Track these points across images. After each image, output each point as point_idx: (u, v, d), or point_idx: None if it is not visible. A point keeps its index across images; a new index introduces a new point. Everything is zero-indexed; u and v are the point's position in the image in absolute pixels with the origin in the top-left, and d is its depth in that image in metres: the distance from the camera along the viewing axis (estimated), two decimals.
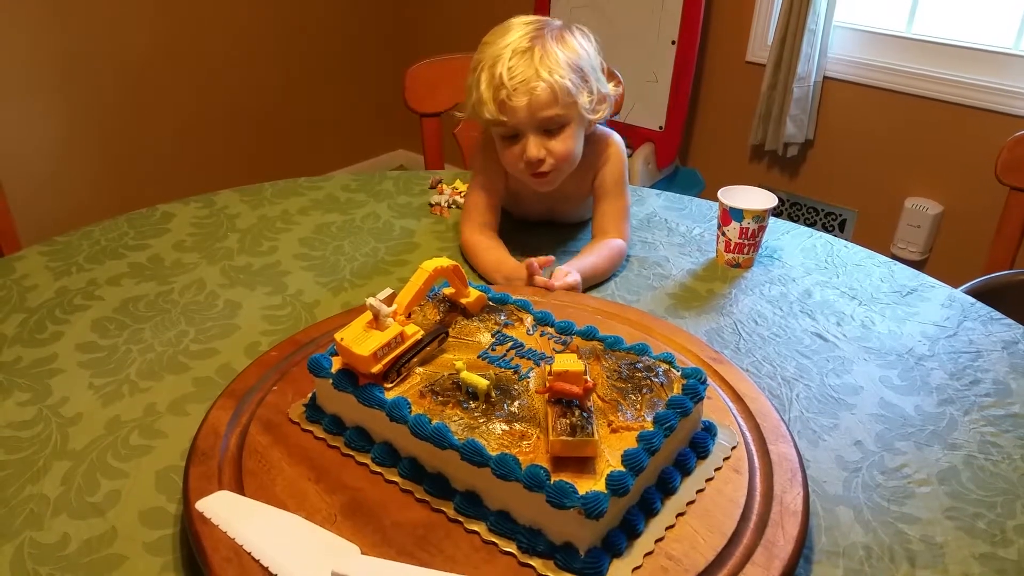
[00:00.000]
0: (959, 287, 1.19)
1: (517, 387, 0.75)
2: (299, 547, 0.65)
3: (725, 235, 1.18)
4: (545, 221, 1.31)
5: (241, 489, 0.71)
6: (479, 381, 0.72)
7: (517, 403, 0.73)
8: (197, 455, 0.74)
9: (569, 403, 0.69)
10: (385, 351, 0.75)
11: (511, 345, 0.82)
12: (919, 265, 2.30)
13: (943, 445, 0.85)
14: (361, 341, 0.75)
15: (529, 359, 0.80)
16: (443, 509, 0.69)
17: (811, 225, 2.51)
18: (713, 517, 0.69)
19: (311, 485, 0.72)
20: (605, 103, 1.15)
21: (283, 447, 0.76)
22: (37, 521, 0.73)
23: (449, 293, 0.89)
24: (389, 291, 0.80)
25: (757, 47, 2.44)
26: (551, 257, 1.08)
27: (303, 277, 1.14)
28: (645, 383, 0.75)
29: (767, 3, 2.37)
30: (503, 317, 0.87)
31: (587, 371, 0.74)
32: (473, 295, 0.88)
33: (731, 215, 1.15)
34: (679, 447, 0.74)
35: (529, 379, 0.76)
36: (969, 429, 0.87)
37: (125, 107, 2.57)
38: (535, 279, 1.05)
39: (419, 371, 0.78)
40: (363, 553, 0.65)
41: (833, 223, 2.49)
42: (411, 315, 0.83)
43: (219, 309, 1.06)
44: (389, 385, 0.76)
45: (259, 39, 2.86)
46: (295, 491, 0.71)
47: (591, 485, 0.64)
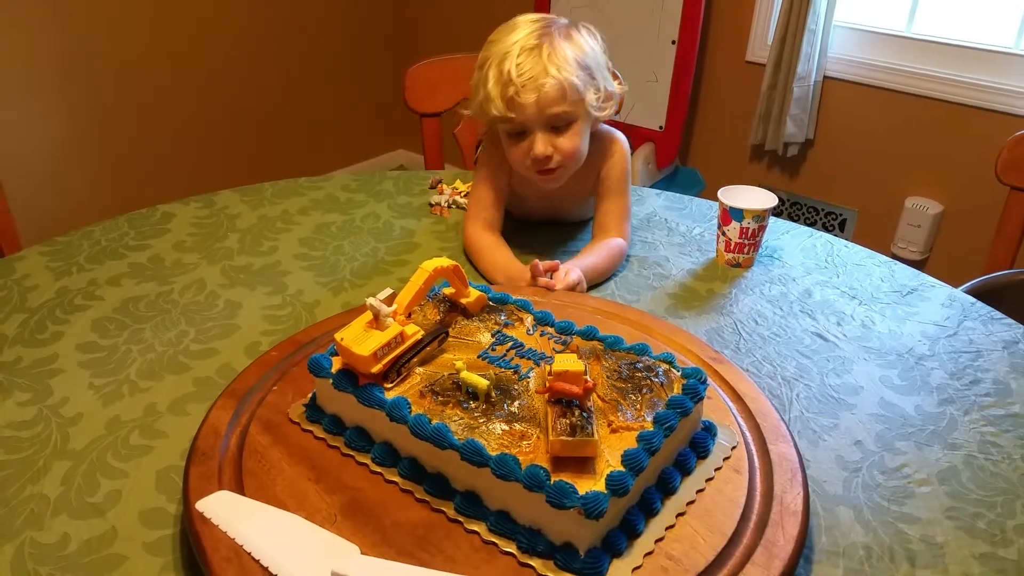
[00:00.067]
0: (959, 287, 1.19)
1: (517, 387, 0.75)
2: (299, 547, 0.65)
3: (725, 235, 1.18)
4: (547, 220, 1.31)
5: (241, 489, 0.71)
6: (479, 381, 0.72)
7: (517, 403, 0.73)
8: (197, 455, 0.74)
9: (569, 403, 0.69)
10: (385, 351, 0.75)
11: (511, 345, 0.82)
12: (919, 265, 2.30)
13: (943, 445, 0.85)
14: (361, 341, 0.75)
15: (529, 359, 0.80)
16: (443, 509, 0.69)
17: (811, 225, 2.51)
18: (713, 517, 0.69)
19: (311, 485, 0.72)
20: (611, 101, 1.16)
21: (283, 447, 0.76)
22: (37, 521, 0.73)
23: (449, 293, 0.89)
24: (389, 291, 0.80)
25: (757, 47, 2.44)
26: (557, 262, 1.08)
27: (303, 277, 1.14)
28: (645, 383, 0.75)
29: (767, 3, 2.37)
30: (503, 317, 0.87)
31: (587, 371, 0.74)
32: (473, 295, 0.88)
33: (731, 215, 1.15)
34: (679, 447, 0.74)
35: (529, 379, 0.76)
36: (969, 429, 0.87)
37: (125, 107, 2.57)
38: (538, 280, 1.05)
39: (419, 371, 0.78)
40: (363, 553, 0.65)
41: (833, 223, 2.49)
42: (411, 315, 0.83)
43: (219, 309, 1.06)
44: (389, 385, 0.76)
45: (259, 39, 2.86)
46: (295, 491, 0.71)
47: (591, 485, 0.64)
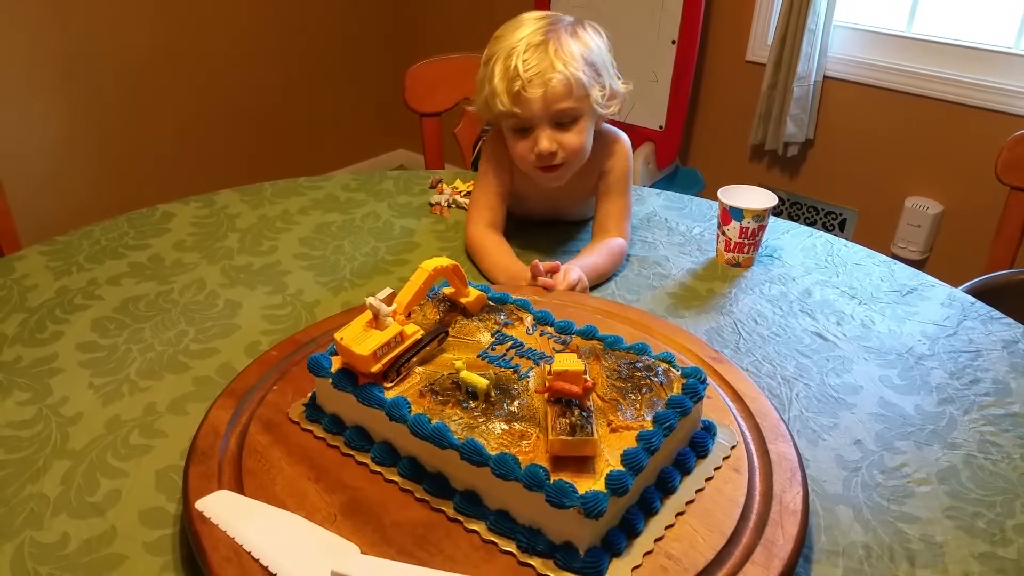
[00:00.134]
0: (959, 287, 1.19)
1: (517, 386, 0.75)
2: (299, 546, 0.65)
3: (725, 234, 1.18)
4: (548, 220, 1.31)
5: (241, 488, 0.71)
6: (479, 381, 0.72)
7: (517, 402, 0.73)
8: (197, 454, 0.74)
9: (569, 402, 0.69)
10: (385, 350, 0.75)
11: (511, 344, 0.82)
12: (919, 264, 2.30)
13: (943, 444, 0.85)
14: (361, 341, 0.75)
15: (529, 358, 0.80)
16: (443, 508, 0.69)
17: (811, 224, 2.51)
18: (713, 516, 0.69)
19: (311, 484, 0.72)
20: (615, 99, 1.16)
21: (283, 446, 0.76)
22: (37, 520, 0.73)
23: (449, 293, 0.89)
24: (389, 290, 0.80)
25: (757, 46, 2.44)
26: (558, 263, 1.08)
27: (303, 277, 1.14)
28: (645, 382, 0.75)
29: (767, 3, 2.37)
30: (503, 316, 0.87)
31: (587, 370, 0.74)
32: (473, 295, 0.88)
33: (731, 214, 1.15)
34: (679, 446, 0.74)
35: (529, 378, 0.76)
36: (969, 428, 0.87)
37: (125, 107, 2.57)
38: (539, 280, 1.05)
39: (419, 371, 0.78)
40: (363, 552, 0.65)
41: (833, 222, 2.49)
42: (411, 314, 0.83)
43: (219, 309, 1.06)
44: (389, 384, 0.76)
45: (259, 39, 2.86)
46: (295, 490, 0.71)
47: (590, 484, 0.64)
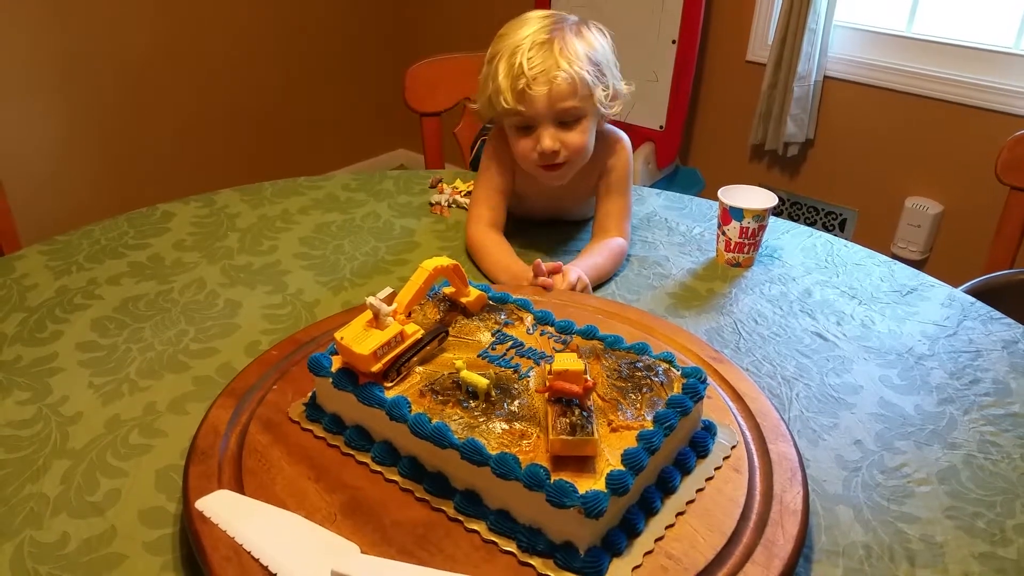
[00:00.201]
0: (959, 287, 1.19)
1: (517, 386, 0.75)
2: (299, 546, 0.65)
3: (725, 234, 1.18)
4: (548, 220, 1.31)
5: (241, 488, 0.71)
6: (479, 380, 0.72)
7: (517, 402, 0.72)
8: (197, 454, 0.74)
9: (569, 402, 0.69)
10: (385, 350, 0.75)
11: (511, 344, 0.82)
12: (919, 265, 2.30)
13: (943, 444, 0.85)
14: (361, 340, 0.75)
15: (529, 358, 0.80)
16: (443, 508, 0.69)
17: (811, 225, 2.51)
18: (713, 516, 0.69)
19: (311, 484, 0.72)
20: (618, 99, 1.16)
21: (283, 446, 0.76)
22: (37, 520, 0.73)
23: (449, 292, 0.89)
24: (389, 290, 0.80)
25: (757, 46, 2.44)
26: (560, 263, 1.08)
27: (303, 276, 1.14)
28: (645, 382, 0.75)
29: (767, 2, 2.37)
30: (503, 316, 0.87)
31: (587, 370, 0.74)
32: (473, 294, 0.88)
33: (731, 214, 1.15)
34: (679, 446, 0.74)
35: (529, 378, 0.76)
36: (969, 428, 0.87)
37: (125, 107, 2.57)
38: (538, 279, 1.05)
39: (419, 370, 0.78)
40: (363, 552, 0.65)
41: (833, 223, 2.49)
42: (411, 314, 0.83)
43: (219, 308, 1.06)
44: (389, 384, 0.76)
45: (259, 39, 2.86)
46: (295, 490, 0.71)
47: (591, 484, 0.64)
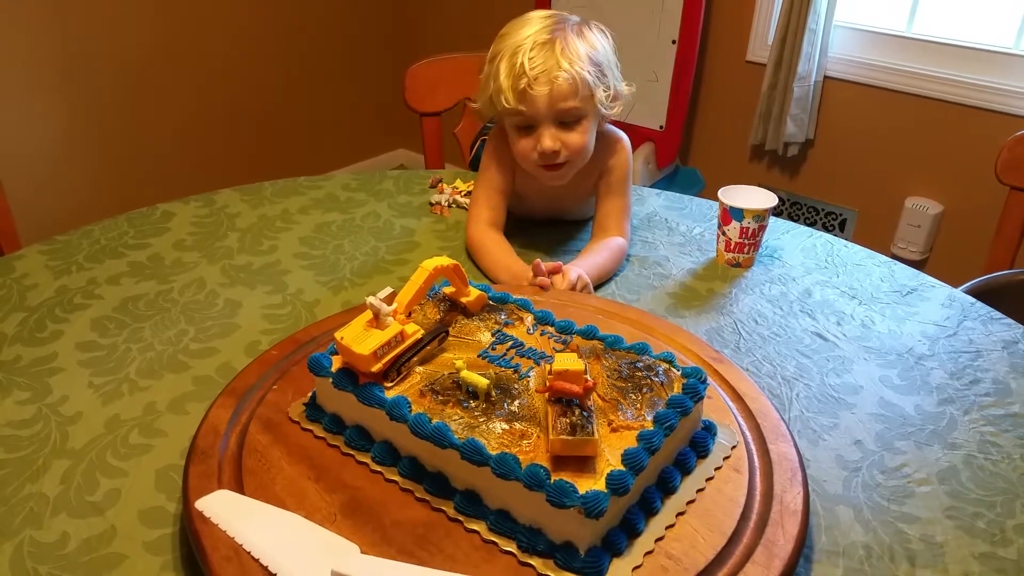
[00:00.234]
0: (959, 287, 1.19)
1: (517, 386, 0.75)
2: (299, 546, 0.65)
3: (725, 234, 1.18)
4: (548, 219, 1.31)
5: (241, 488, 0.71)
6: (479, 380, 0.72)
7: (517, 402, 0.72)
8: (197, 454, 0.74)
9: (569, 402, 0.69)
10: (385, 350, 0.75)
11: (511, 344, 0.82)
12: (919, 265, 2.30)
13: (943, 445, 0.85)
14: (361, 340, 0.75)
15: (529, 358, 0.80)
16: (443, 508, 0.69)
17: (811, 225, 2.51)
18: (713, 516, 0.69)
19: (311, 484, 0.72)
20: (619, 100, 1.16)
21: (283, 446, 0.76)
22: (36, 520, 0.73)
23: (449, 292, 0.89)
24: (389, 290, 0.80)
25: (757, 46, 2.44)
26: (560, 263, 1.08)
27: (303, 276, 1.14)
28: (645, 382, 0.75)
29: (767, 3, 2.37)
30: (503, 316, 0.87)
31: (587, 370, 0.74)
32: (473, 294, 0.88)
33: (731, 214, 1.15)
34: (679, 446, 0.74)
35: (529, 378, 0.76)
36: (969, 429, 0.87)
37: (125, 107, 2.57)
38: (541, 280, 1.05)
39: (419, 370, 0.78)
40: (363, 552, 0.65)
41: (833, 223, 2.49)
42: (411, 314, 0.83)
43: (219, 308, 1.06)
44: (389, 384, 0.76)
45: (259, 39, 2.86)
46: (295, 490, 0.71)
47: (591, 484, 0.64)
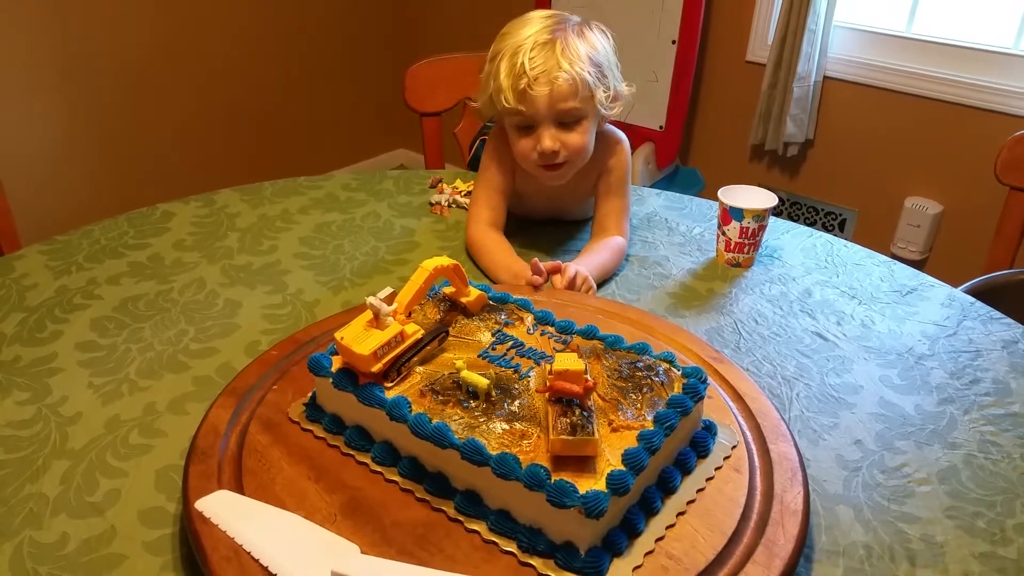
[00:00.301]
0: (959, 287, 1.19)
1: (517, 386, 0.75)
2: (299, 546, 0.65)
3: (725, 234, 1.18)
4: (548, 219, 1.31)
5: (241, 488, 0.71)
6: (479, 380, 0.72)
7: (517, 402, 0.72)
8: (197, 454, 0.74)
9: (569, 402, 0.69)
10: (385, 350, 0.75)
11: (511, 344, 0.82)
12: (919, 265, 2.30)
13: (943, 444, 0.85)
14: (361, 340, 0.75)
15: (529, 358, 0.80)
16: (443, 508, 0.69)
17: (811, 225, 2.51)
18: (713, 516, 0.68)
19: (311, 484, 0.72)
20: (619, 101, 1.16)
21: (283, 446, 0.76)
22: (36, 520, 0.73)
23: (449, 292, 0.89)
24: (389, 290, 0.79)
25: (757, 47, 2.44)
26: (559, 262, 1.08)
27: (303, 276, 1.14)
28: (645, 382, 0.75)
29: (767, 3, 2.37)
30: (503, 316, 0.87)
31: (587, 370, 0.74)
32: (473, 294, 0.88)
33: (731, 214, 1.15)
34: (679, 446, 0.74)
35: (529, 378, 0.76)
36: (969, 428, 0.87)
37: (125, 107, 2.57)
38: (532, 278, 1.05)
39: (419, 370, 0.78)
40: (363, 552, 0.65)
41: (833, 223, 2.49)
42: (411, 314, 0.83)
43: (219, 308, 1.06)
44: (389, 384, 0.76)
45: (259, 39, 2.86)
46: (295, 490, 0.71)
47: (591, 484, 0.64)
